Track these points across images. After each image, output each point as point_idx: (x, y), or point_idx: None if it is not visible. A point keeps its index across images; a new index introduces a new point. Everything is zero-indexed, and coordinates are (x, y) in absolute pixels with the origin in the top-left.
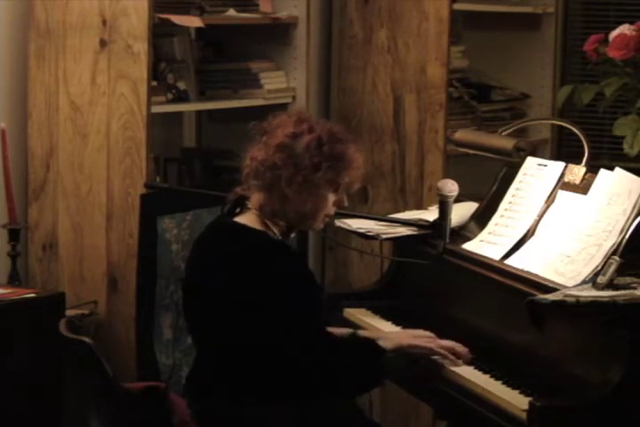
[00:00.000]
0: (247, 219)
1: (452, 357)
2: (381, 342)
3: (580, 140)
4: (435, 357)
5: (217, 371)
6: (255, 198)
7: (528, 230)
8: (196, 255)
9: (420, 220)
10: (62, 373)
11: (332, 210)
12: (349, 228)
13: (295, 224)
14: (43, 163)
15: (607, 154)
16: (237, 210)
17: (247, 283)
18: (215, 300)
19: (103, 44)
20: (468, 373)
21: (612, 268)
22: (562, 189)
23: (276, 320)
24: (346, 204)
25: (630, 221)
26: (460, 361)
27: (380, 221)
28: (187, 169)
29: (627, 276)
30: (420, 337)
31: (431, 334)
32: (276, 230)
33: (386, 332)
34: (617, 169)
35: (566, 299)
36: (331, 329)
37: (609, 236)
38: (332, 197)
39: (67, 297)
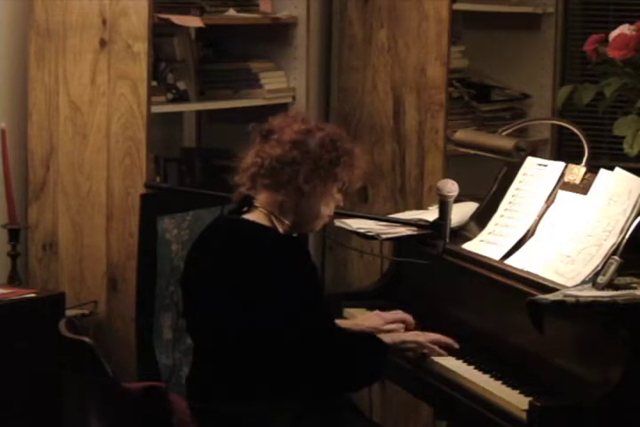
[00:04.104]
0: (255, 216)
1: (439, 350)
2: (384, 338)
3: (580, 140)
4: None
5: (217, 370)
6: (264, 197)
7: (528, 230)
8: (199, 252)
9: (420, 220)
10: (62, 373)
11: (332, 210)
12: (349, 228)
13: (301, 224)
14: (43, 163)
15: (607, 154)
16: (244, 209)
17: (257, 278)
18: (221, 296)
19: (103, 44)
20: (468, 373)
21: (612, 268)
22: (562, 189)
23: (284, 316)
24: (341, 204)
25: (630, 221)
26: (446, 353)
27: (380, 221)
28: (187, 169)
29: (627, 276)
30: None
31: (403, 316)
32: (280, 229)
33: (360, 318)
34: (617, 169)
35: (566, 299)
36: None
37: (609, 236)
38: (335, 197)
39: (67, 297)
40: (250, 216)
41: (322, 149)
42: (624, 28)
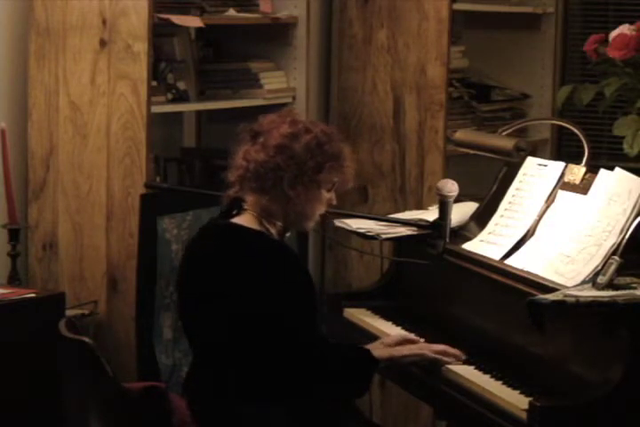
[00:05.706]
0: (244, 220)
1: (445, 358)
2: (376, 353)
3: (580, 140)
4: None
5: (213, 371)
6: (252, 200)
7: (528, 230)
8: (190, 257)
9: (420, 220)
10: (62, 373)
11: (323, 210)
12: (349, 228)
13: (291, 225)
14: (43, 163)
15: (607, 154)
16: (234, 212)
17: (245, 283)
18: (212, 300)
19: (103, 44)
20: (468, 373)
21: (612, 268)
22: (562, 189)
23: (271, 321)
24: (334, 202)
25: (630, 221)
26: (453, 360)
27: (380, 221)
28: (187, 169)
29: (627, 276)
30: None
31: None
32: (273, 231)
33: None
34: (617, 169)
35: (566, 299)
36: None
37: (609, 236)
38: (326, 196)
39: (67, 297)
40: (239, 220)
41: (307, 155)
42: (624, 28)
